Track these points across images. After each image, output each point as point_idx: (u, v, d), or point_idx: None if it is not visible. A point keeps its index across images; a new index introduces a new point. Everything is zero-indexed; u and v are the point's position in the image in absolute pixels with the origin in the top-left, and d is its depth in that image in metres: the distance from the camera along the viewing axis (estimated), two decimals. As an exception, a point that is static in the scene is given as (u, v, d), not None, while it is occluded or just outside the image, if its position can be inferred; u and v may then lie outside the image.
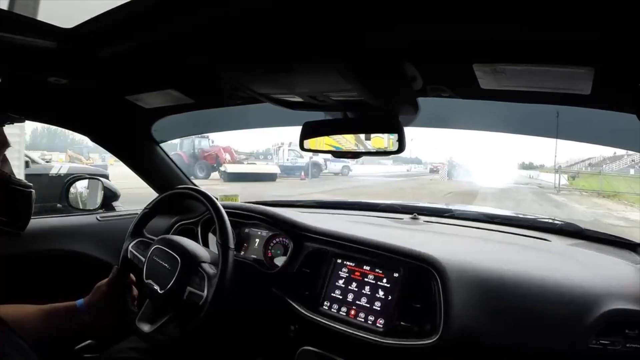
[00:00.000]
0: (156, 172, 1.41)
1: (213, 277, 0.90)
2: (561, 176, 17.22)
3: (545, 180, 19.37)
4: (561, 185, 15.94)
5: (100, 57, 0.75)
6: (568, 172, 21.06)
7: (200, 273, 0.91)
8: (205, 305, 0.87)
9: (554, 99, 0.81)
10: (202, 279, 0.90)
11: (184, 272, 0.90)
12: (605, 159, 24.59)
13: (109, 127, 1.27)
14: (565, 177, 17.67)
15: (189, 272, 0.91)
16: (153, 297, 0.94)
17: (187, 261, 0.92)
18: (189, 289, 0.90)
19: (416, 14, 0.54)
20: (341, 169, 18.13)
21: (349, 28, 0.59)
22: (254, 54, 0.72)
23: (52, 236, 1.19)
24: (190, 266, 0.91)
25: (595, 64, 0.64)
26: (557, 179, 16.64)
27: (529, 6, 0.49)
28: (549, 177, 19.67)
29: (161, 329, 0.91)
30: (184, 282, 0.90)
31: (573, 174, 15.79)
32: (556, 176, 17.55)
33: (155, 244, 0.98)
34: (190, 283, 0.90)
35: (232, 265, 0.90)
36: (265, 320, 1.16)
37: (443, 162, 23.18)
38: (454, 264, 0.86)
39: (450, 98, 0.90)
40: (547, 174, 22.02)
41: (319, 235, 1.06)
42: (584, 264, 0.94)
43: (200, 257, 0.94)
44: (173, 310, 0.92)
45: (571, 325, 0.77)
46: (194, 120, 1.40)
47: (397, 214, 1.41)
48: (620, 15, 0.48)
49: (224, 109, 1.20)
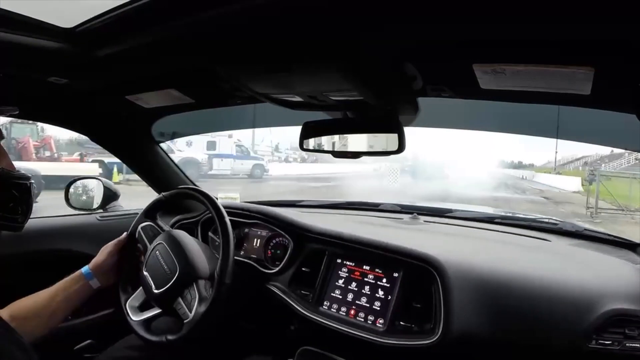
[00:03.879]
0: (156, 172, 1.41)
1: (204, 300, 0.89)
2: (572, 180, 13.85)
3: (545, 184, 15.35)
4: (576, 192, 12.21)
5: (100, 57, 0.75)
6: (577, 173, 17.34)
7: (193, 291, 0.90)
8: (190, 326, 0.87)
9: (554, 99, 0.81)
10: (194, 298, 0.89)
11: (178, 284, 0.91)
12: (603, 157, 22.65)
13: (109, 127, 1.27)
14: (576, 181, 13.58)
15: (183, 286, 0.91)
16: (146, 291, 0.96)
17: (184, 274, 0.91)
18: (180, 300, 0.90)
19: (416, 14, 0.54)
20: (251, 169, 12.84)
21: (349, 28, 0.59)
22: (254, 54, 0.72)
23: (52, 236, 1.19)
24: (186, 281, 0.91)
25: (595, 64, 0.64)
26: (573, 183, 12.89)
27: (529, 6, 0.49)
28: (549, 180, 16.05)
29: (147, 322, 0.94)
30: (176, 292, 0.91)
31: (589, 177, 10.56)
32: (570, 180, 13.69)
33: (161, 238, 0.98)
34: (183, 295, 0.90)
35: (224, 297, 0.90)
36: (265, 320, 1.16)
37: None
38: (454, 264, 0.86)
39: (450, 98, 0.90)
40: (545, 175, 18.37)
41: (319, 235, 1.06)
42: (584, 264, 0.94)
43: (198, 271, 0.92)
44: (163, 309, 0.94)
45: (571, 325, 0.77)
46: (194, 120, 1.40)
47: (397, 213, 1.41)
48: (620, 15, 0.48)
49: (224, 109, 1.20)
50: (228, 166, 11.97)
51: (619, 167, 18.93)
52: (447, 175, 18.18)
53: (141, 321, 0.95)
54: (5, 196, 0.64)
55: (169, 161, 1.43)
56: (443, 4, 0.50)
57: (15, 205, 0.65)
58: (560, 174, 19.28)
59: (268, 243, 1.18)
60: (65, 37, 0.71)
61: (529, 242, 1.12)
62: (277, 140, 21.22)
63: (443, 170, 18.70)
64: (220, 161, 12.20)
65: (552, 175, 17.94)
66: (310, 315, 0.97)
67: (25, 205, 0.67)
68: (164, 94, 1.06)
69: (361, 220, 1.36)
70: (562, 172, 20.50)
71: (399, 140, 0.86)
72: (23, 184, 0.67)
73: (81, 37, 0.70)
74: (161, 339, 0.90)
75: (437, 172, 16.78)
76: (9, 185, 0.65)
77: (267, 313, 1.13)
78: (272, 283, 1.08)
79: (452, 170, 20.71)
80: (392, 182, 12.48)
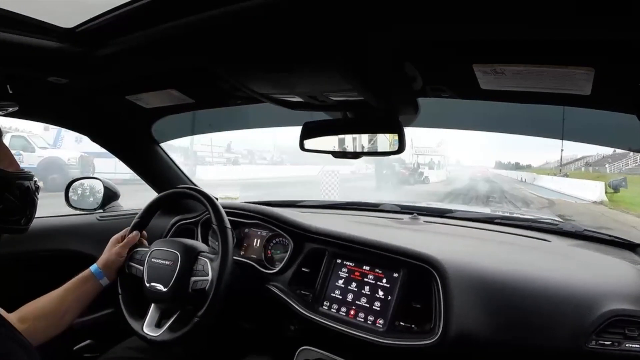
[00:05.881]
0: (156, 172, 1.41)
1: (215, 260, 0.92)
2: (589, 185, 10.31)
3: (553, 190, 11.93)
4: (601, 202, 8.79)
5: (100, 57, 0.75)
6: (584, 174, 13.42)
7: (202, 260, 0.93)
8: (212, 287, 0.88)
9: (554, 99, 0.81)
10: (204, 264, 0.92)
11: (185, 264, 0.92)
12: (606, 157, 21.69)
13: (109, 127, 1.27)
14: (597, 186, 9.88)
15: (190, 263, 0.93)
16: (158, 298, 0.93)
17: (186, 253, 0.93)
18: (193, 279, 0.91)
19: (416, 14, 0.54)
20: None
21: (349, 27, 0.59)
22: (254, 54, 0.72)
23: (52, 236, 1.18)
24: (191, 257, 0.93)
25: (596, 65, 0.64)
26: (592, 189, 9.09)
27: (529, 6, 0.49)
28: (557, 184, 12.55)
29: (171, 330, 0.91)
30: (187, 273, 0.91)
31: (615, 183, 8.22)
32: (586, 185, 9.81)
33: (151, 249, 0.98)
34: (194, 273, 0.92)
35: (232, 245, 0.93)
36: (265, 320, 1.16)
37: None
38: (454, 264, 0.86)
39: (450, 98, 0.90)
40: (548, 178, 14.73)
41: (318, 235, 1.06)
42: (584, 265, 0.94)
43: (199, 248, 0.96)
44: (180, 306, 0.93)
45: (571, 325, 0.77)
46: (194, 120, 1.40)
47: (397, 214, 1.41)
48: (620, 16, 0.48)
49: (224, 109, 1.20)
50: (112, 167, 7.98)
51: (625, 168, 17.93)
52: (427, 178, 16.46)
53: (164, 331, 0.91)
54: (7, 198, 0.61)
55: (169, 161, 1.43)
56: (443, 4, 0.50)
57: (18, 207, 0.62)
58: (568, 175, 16.81)
59: (268, 243, 1.18)
60: (65, 37, 0.71)
61: (529, 243, 1.12)
62: (229, 139, 20.04)
63: (422, 173, 16.83)
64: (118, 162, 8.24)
65: (558, 178, 15.19)
66: (310, 315, 0.97)
67: (29, 206, 0.64)
68: (164, 94, 1.06)
69: (361, 220, 1.36)
70: (569, 174, 17.96)
71: (399, 141, 0.86)
72: (26, 184, 0.63)
73: (81, 37, 0.70)
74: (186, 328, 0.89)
75: (411, 176, 15.22)
76: (11, 186, 0.62)
77: (267, 313, 1.13)
78: (272, 283, 1.08)
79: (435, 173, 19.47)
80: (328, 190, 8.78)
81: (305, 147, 0.97)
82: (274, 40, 0.65)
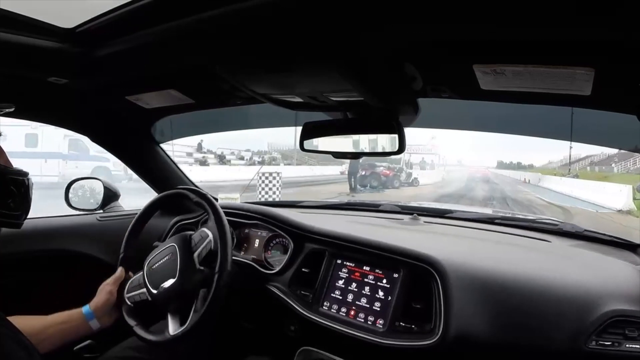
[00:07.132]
0: (156, 172, 1.41)
1: (209, 219, 0.95)
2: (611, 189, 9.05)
3: (564, 194, 10.39)
4: (629, 211, 7.48)
5: (100, 57, 0.75)
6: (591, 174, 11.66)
7: (196, 232, 0.96)
8: (217, 245, 0.91)
9: (554, 99, 0.81)
10: (200, 232, 0.95)
11: (184, 247, 0.93)
12: (611, 156, 20.50)
13: (109, 127, 1.27)
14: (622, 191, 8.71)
15: (188, 244, 0.94)
16: (172, 295, 0.90)
17: (180, 238, 0.95)
18: (196, 252, 0.93)
19: (416, 14, 0.54)
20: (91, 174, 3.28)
21: (349, 28, 0.59)
22: (254, 54, 0.72)
23: (52, 236, 1.18)
24: (186, 239, 0.95)
25: (596, 65, 0.64)
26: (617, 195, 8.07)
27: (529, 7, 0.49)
28: (567, 186, 11.08)
29: (193, 324, 0.87)
30: (188, 253, 0.93)
31: None
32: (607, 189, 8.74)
33: (146, 261, 0.98)
34: (194, 248, 0.94)
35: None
36: (265, 320, 1.16)
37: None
38: (454, 265, 0.86)
39: (450, 98, 0.90)
40: (556, 180, 12.57)
41: (319, 235, 1.06)
42: (584, 265, 0.94)
43: (189, 228, 1.00)
44: (195, 291, 0.90)
45: (571, 326, 0.77)
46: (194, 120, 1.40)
47: (397, 214, 1.41)
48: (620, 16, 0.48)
49: (224, 109, 1.20)
50: (55, 170, 7.79)
51: (633, 167, 16.90)
52: (416, 180, 14.80)
53: (186, 327, 0.88)
54: (3, 192, 0.63)
55: (169, 161, 1.43)
56: (443, 4, 0.50)
57: (14, 202, 0.65)
58: (579, 176, 14.32)
59: (268, 243, 1.18)
60: (65, 37, 0.71)
61: (529, 243, 1.12)
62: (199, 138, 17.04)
63: (410, 174, 14.91)
64: (44, 163, 8.36)
65: (567, 180, 13.10)
66: (310, 315, 0.97)
67: (24, 201, 0.67)
68: (164, 94, 1.06)
69: (361, 220, 1.36)
70: (580, 174, 15.16)
71: (399, 141, 0.86)
72: (20, 180, 0.66)
73: (81, 37, 0.71)
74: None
75: (396, 178, 13.47)
76: (6, 181, 0.64)
77: (267, 313, 1.13)
78: (272, 283, 1.08)
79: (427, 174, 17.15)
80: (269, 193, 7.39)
81: (305, 147, 0.97)
82: (274, 40, 0.65)
